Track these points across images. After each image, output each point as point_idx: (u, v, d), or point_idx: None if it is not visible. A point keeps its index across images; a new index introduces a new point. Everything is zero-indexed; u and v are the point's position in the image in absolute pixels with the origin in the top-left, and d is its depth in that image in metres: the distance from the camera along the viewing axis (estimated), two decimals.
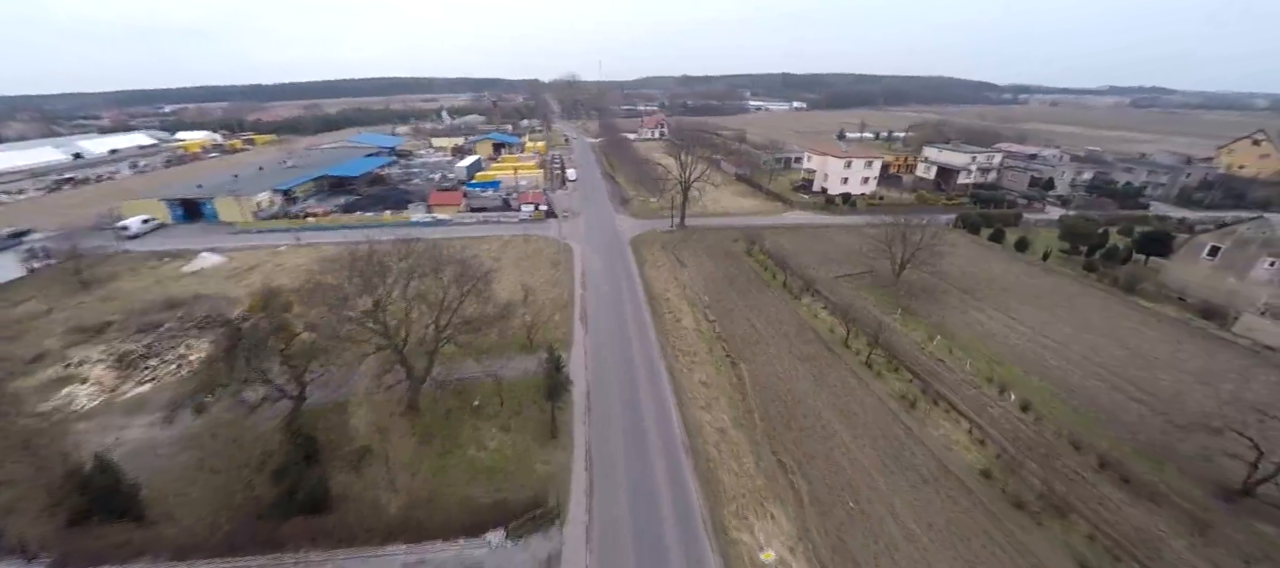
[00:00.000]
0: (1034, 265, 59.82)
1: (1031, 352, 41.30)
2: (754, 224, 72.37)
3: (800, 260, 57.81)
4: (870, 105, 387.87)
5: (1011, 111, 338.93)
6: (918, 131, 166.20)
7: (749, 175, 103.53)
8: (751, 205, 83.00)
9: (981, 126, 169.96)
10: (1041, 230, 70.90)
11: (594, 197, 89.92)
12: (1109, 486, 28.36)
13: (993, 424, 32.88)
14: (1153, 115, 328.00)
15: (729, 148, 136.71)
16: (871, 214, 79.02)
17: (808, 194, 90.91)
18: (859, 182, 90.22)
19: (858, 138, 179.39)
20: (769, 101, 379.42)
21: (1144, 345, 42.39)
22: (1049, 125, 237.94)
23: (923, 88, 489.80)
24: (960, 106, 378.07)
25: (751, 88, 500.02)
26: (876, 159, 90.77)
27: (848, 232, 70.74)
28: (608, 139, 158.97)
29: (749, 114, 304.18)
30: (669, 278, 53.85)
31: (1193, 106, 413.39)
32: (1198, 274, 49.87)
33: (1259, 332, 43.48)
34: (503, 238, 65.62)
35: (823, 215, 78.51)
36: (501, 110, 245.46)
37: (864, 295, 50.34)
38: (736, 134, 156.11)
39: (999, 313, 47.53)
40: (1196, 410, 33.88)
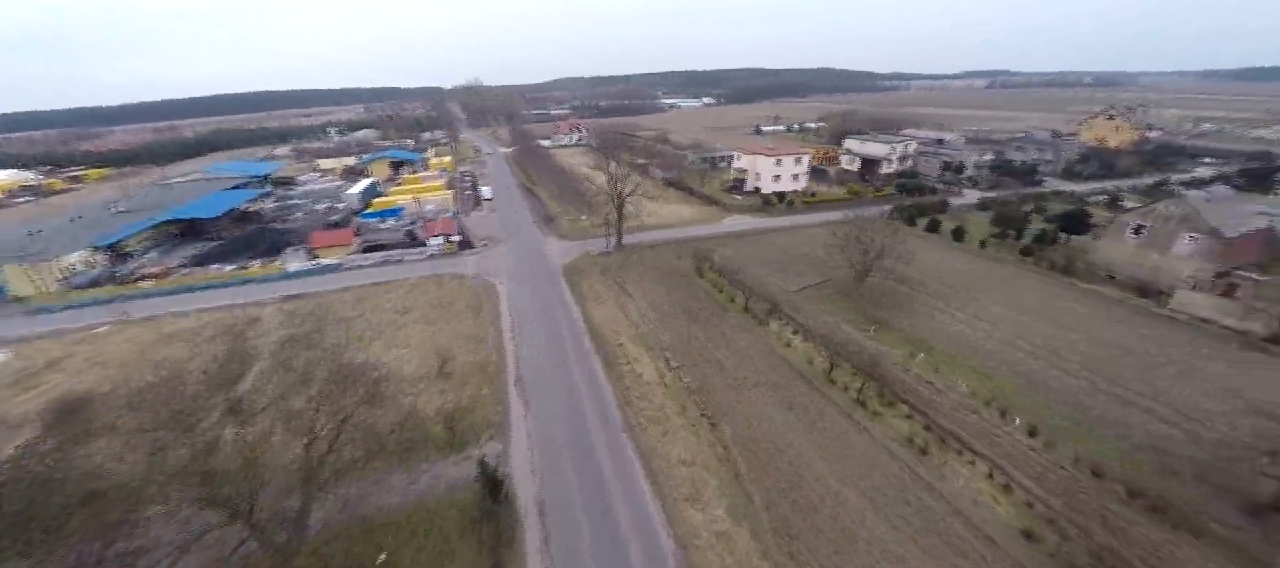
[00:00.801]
0: (974, 254, 59.33)
1: (1009, 356, 38.66)
2: (696, 235, 66.62)
3: (754, 274, 52.63)
4: (773, 98, 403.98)
5: (896, 97, 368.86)
6: (829, 123, 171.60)
7: (678, 179, 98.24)
8: (689, 213, 77.37)
9: (883, 114, 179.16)
10: (969, 216, 71.80)
11: (515, 218, 79.70)
12: (1146, 522, 25.01)
13: (1009, 460, 28.94)
14: (1006, 94, 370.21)
15: (653, 150, 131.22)
16: (809, 213, 76.65)
17: (741, 195, 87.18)
18: (790, 179, 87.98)
19: (773, 131, 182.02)
20: (680, 98, 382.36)
21: (1105, 334, 41.39)
22: (932, 109, 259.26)
23: (817, 79, 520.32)
24: (849, 95, 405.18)
25: (661, 86, 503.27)
26: (804, 155, 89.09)
27: (791, 234, 67.20)
28: (522, 148, 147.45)
29: (664, 113, 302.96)
30: (616, 314, 46.16)
31: (1033, 85, 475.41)
32: (1125, 252, 50.91)
33: (1193, 306, 44.34)
34: (408, 282, 54.14)
35: (763, 218, 74.65)
36: (399, 123, 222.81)
37: (829, 310, 45.93)
38: (658, 134, 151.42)
39: (964, 313, 45.09)
40: (1194, 414, 32.20)
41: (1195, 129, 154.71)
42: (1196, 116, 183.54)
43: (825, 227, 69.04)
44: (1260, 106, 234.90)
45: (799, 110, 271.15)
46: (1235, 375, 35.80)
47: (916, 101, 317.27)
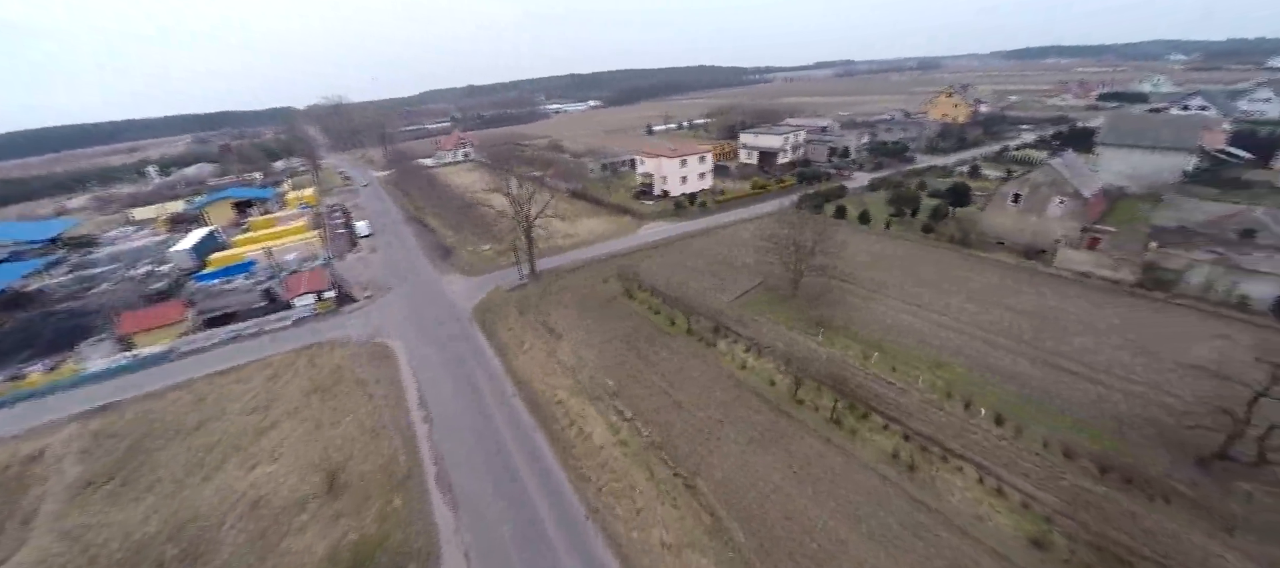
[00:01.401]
0: (881, 236, 61.39)
1: (946, 338, 38.93)
2: (616, 251, 61.61)
3: (687, 288, 49.05)
4: (656, 98, 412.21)
5: (766, 89, 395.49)
6: (716, 118, 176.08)
7: (582, 190, 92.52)
8: (603, 227, 72.09)
9: (763, 106, 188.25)
10: (867, 198, 75.16)
11: (403, 255, 68.45)
12: (1124, 496, 24.96)
13: (990, 458, 27.95)
14: (855, 81, 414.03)
15: (547, 159, 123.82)
16: (722, 212, 75.36)
17: (651, 200, 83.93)
18: (697, 179, 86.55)
19: (665, 131, 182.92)
20: (565, 103, 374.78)
21: (1016, 301, 43.73)
22: (799, 98, 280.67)
23: (694, 77, 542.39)
24: (725, 90, 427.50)
25: (544, 91, 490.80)
26: (707, 153, 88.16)
27: (711, 237, 64.98)
28: (400, 170, 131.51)
29: (550, 118, 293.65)
30: (546, 362, 39.59)
31: (874, 72, 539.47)
32: (1008, 219, 55.27)
33: (1073, 262, 48.89)
34: (272, 362, 42.42)
35: (679, 223, 71.76)
36: (243, 153, 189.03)
37: (772, 317, 43.59)
38: (550, 142, 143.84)
39: (895, 300, 45.34)
40: (1140, 382, 34.00)
41: (1005, 102, 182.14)
42: (1003, 91, 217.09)
43: (742, 225, 68.50)
44: (1042, 79, 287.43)
45: (685, 108, 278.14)
46: (1130, 326, 39.14)
47: (784, 92, 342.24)
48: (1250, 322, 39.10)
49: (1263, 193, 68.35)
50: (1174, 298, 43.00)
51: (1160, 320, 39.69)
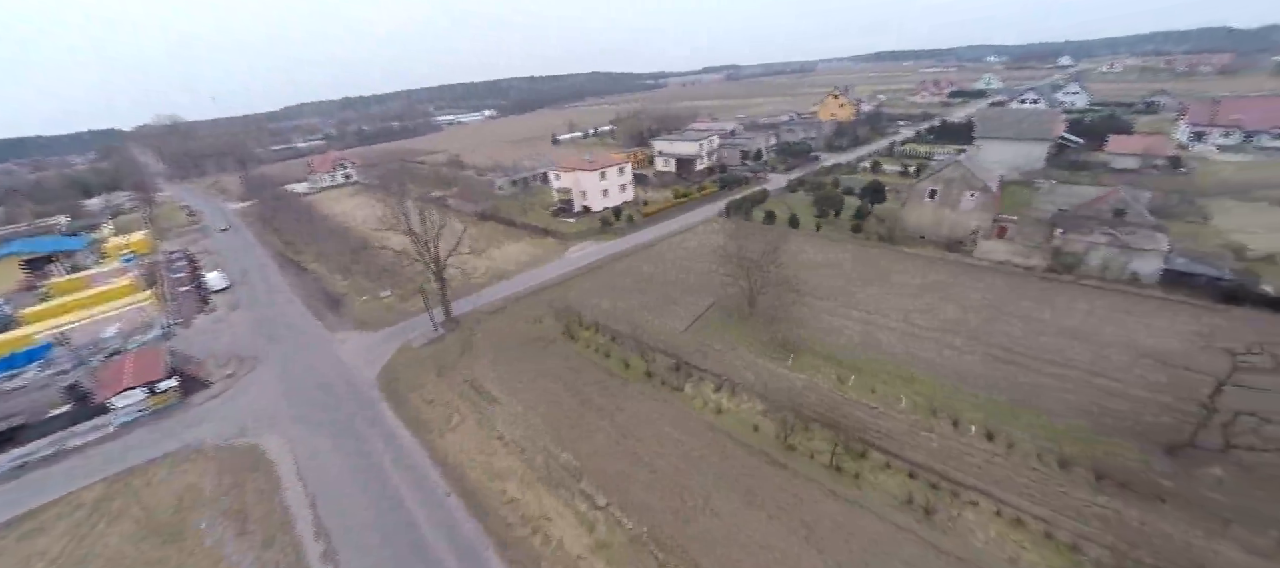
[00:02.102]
0: (813, 238, 60.95)
1: (908, 347, 37.79)
2: (544, 281, 54.55)
3: (634, 319, 43.75)
4: (555, 105, 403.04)
5: (663, 94, 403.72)
6: (622, 125, 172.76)
7: (493, 211, 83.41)
8: (523, 253, 64.27)
9: (666, 111, 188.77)
10: (789, 200, 75.32)
11: (276, 311, 55.26)
12: (1123, 502, 24.08)
13: (998, 484, 26.12)
14: (743, 85, 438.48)
15: (448, 178, 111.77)
16: (652, 225, 71.14)
17: (572, 217, 77.47)
18: (618, 191, 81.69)
19: (570, 139, 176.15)
20: (459, 114, 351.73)
21: (957, 295, 44.32)
22: (697, 102, 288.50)
23: (590, 83, 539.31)
24: (623, 96, 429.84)
25: (432, 101, 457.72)
26: (626, 164, 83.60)
27: (646, 255, 60.30)
28: (266, 200, 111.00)
29: (443, 131, 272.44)
30: (484, 439, 32.00)
31: (758, 75, 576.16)
32: (927, 215, 57.19)
33: (992, 252, 51.28)
34: (80, 502, 29.82)
35: (608, 242, 66.18)
36: (42, 190, 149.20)
37: (732, 343, 39.81)
38: (449, 158, 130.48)
39: (847, 308, 43.92)
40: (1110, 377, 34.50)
41: (878, 101, 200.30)
42: (873, 91, 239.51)
43: (676, 239, 64.69)
44: (900, 80, 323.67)
45: (588, 115, 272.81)
46: (1060, 312, 40.81)
47: (680, 97, 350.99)
48: (1143, 294, 42.83)
49: (1100, 171, 79.11)
50: (1079, 279, 46.22)
51: (1081, 305, 41.93)
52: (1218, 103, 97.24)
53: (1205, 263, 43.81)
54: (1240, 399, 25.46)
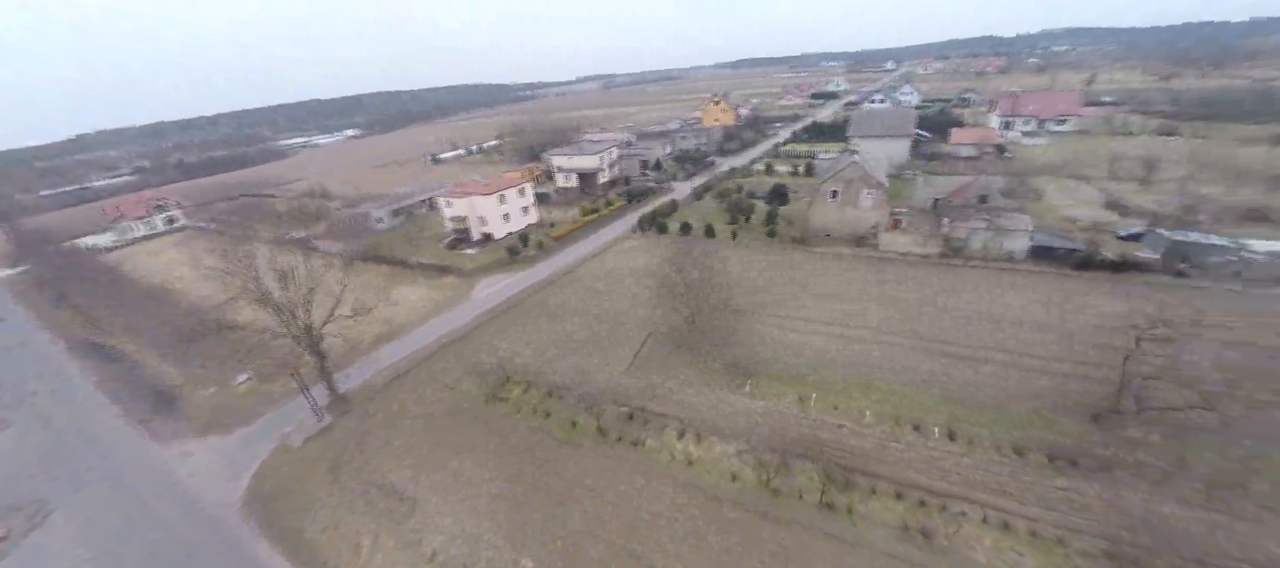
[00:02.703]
0: (734, 247, 60.45)
1: (855, 353, 37.73)
2: (453, 332, 46.69)
3: (568, 365, 38.66)
4: (426, 121, 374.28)
5: (544, 104, 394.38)
6: (508, 139, 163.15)
7: (372, 249, 71.67)
8: (421, 298, 55.07)
9: (553, 123, 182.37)
10: (700, 209, 74.80)
11: (73, 422, 40.17)
12: (1082, 478, 25.15)
13: (972, 487, 25.98)
14: (622, 93, 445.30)
15: (310, 212, 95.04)
16: (565, 249, 65.78)
17: (472, 248, 69.10)
18: (520, 214, 74.92)
19: (453, 157, 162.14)
20: (311, 135, 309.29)
21: (878, 291, 45.93)
22: (580, 111, 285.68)
23: (460, 97, 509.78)
24: (498, 108, 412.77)
25: (270, 122, 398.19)
26: (525, 183, 76.96)
27: (565, 286, 54.95)
28: (47, 261, 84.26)
29: (294, 156, 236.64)
30: (412, 564, 24.75)
31: (633, 84, 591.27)
32: (831, 214, 59.64)
33: (894, 244, 54.63)
34: None
35: (519, 273, 59.48)
36: None
37: (685, 377, 36.59)
38: (310, 188, 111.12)
39: (786, 318, 43.18)
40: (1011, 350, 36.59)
41: (750, 105, 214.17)
42: (744, 95, 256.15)
43: (595, 262, 60.07)
44: (761, 84, 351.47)
45: (468, 130, 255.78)
46: (964, 297, 44.00)
47: (561, 107, 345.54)
48: (1017, 269, 48.13)
49: (948, 160, 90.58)
50: (968, 262, 50.81)
51: (978, 285, 45.70)
52: (1016, 97, 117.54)
53: (1060, 237, 50.52)
54: (1146, 367, 28.16)
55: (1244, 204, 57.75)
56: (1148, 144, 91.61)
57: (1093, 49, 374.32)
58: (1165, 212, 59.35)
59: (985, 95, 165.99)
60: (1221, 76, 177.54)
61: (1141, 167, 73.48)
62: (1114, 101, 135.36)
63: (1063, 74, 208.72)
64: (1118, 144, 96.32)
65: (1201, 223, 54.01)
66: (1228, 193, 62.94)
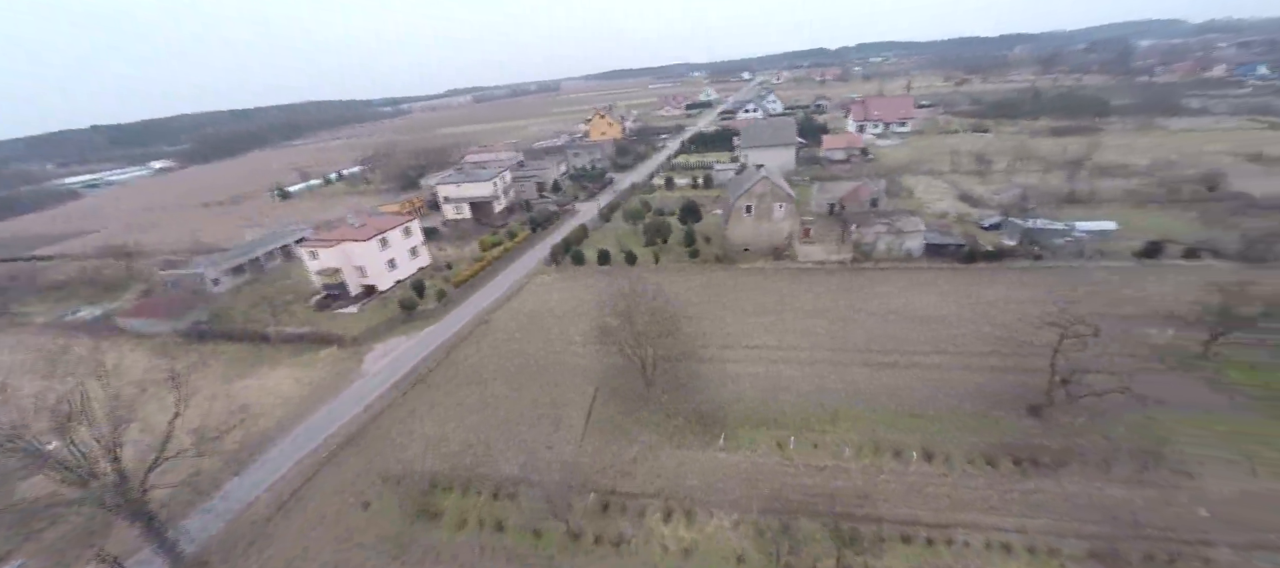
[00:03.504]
0: (659, 271, 57.33)
1: (811, 380, 36.60)
2: (346, 426, 36.61)
3: (511, 447, 32.05)
4: (266, 146, 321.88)
5: (412, 122, 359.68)
6: (377, 166, 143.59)
7: (213, 324, 56.08)
8: (293, 385, 42.99)
9: (427, 144, 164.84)
10: (614, 232, 70.75)
11: None
12: (1054, 480, 25.96)
13: (965, 508, 25.57)
14: (496, 106, 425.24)
15: (107, 280, 72.59)
16: (472, 296, 57.22)
17: (352, 306, 57.14)
18: (408, 257, 64.14)
19: (305, 189, 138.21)
20: (110, 170, 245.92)
21: (811, 305, 45.96)
22: (453, 128, 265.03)
23: (313, 114, 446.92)
24: (355, 127, 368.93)
25: (54, 156, 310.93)
26: (411, 220, 66.01)
27: (481, 339, 47.15)
28: None
29: (78, 200, 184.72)
30: None
31: (508, 97, 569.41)
32: (746, 229, 59.56)
33: (810, 255, 55.98)
34: None
35: (421, 332, 49.89)
36: None
37: (648, 438, 32.13)
38: (107, 246, 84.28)
39: (734, 349, 40.95)
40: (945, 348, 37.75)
41: (632, 116, 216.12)
42: (626, 106, 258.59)
43: (512, 305, 52.70)
44: (635, 95, 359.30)
45: (322, 155, 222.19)
46: (885, 300, 45.77)
47: (432, 123, 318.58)
48: (917, 267, 51.94)
49: (825, 164, 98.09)
50: (877, 265, 53.67)
51: (894, 288, 48.03)
52: (865, 104, 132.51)
53: (946, 234, 55.55)
54: (1072, 361, 30.33)
55: (1057, 189, 69.60)
56: (971, 141, 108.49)
57: (901, 59, 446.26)
58: (1004, 200, 69.17)
59: (833, 102, 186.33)
60: (996, 81, 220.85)
61: (974, 161, 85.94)
62: (930, 104, 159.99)
63: (888, 82, 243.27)
64: (948, 141, 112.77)
65: (1033, 208, 63.57)
66: (1042, 181, 75.63)
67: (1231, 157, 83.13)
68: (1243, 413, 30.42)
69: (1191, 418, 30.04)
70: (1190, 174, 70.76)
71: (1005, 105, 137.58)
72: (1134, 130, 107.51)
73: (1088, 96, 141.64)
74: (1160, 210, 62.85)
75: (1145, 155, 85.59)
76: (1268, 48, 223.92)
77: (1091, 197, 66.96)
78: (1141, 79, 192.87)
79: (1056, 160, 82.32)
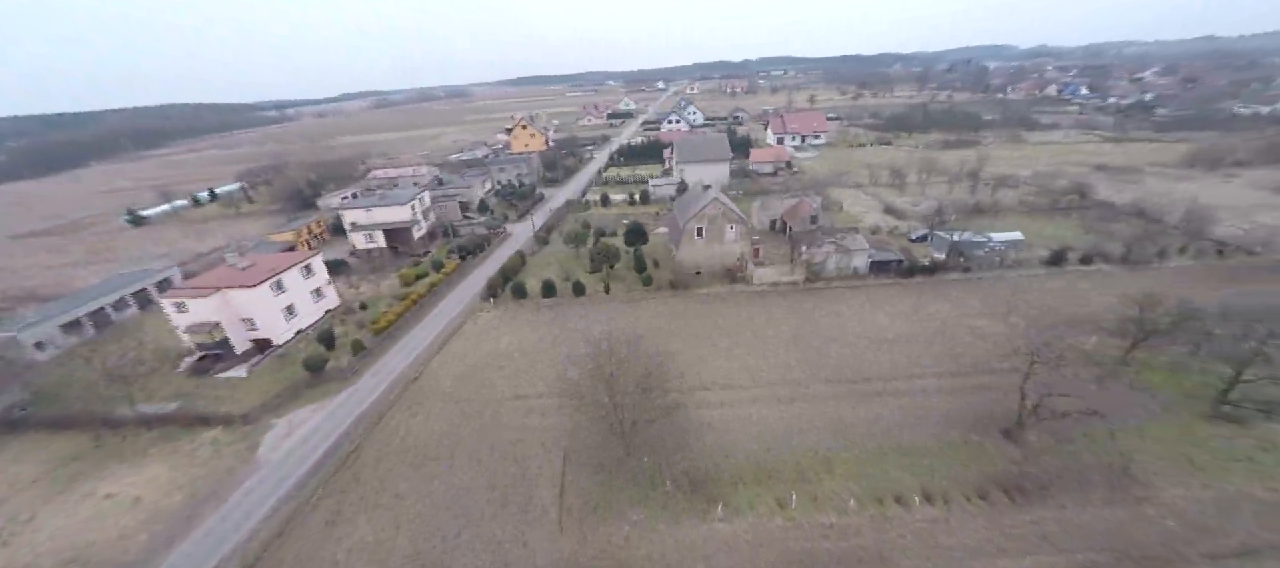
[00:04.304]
0: (610, 303, 53.18)
1: (795, 422, 34.51)
2: (248, 545, 28.00)
3: (469, 552, 26.05)
4: (106, 157, 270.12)
5: (303, 129, 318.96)
6: (265, 182, 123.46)
7: (37, 410, 42.43)
8: (164, 493, 32.55)
9: (324, 157, 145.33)
10: (554, 259, 65.14)
11: None
12: (1047, 506, 25.75)
13: (983, 556, 24.20)
14: (398, 114, 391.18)
15: None
16: (394, 343, 48.77)
17: (239, 367, 46.24)
18: (311, 300, 53.80)
19: (169, 211, 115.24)
20: None
21: (774, 332, 44.33)
22: (354, 137, 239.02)
23: (176, 118, 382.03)
24: (222, 135, 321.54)
25: None
26: (312, 256, 55.29)
27: (412, 399, 39.69)
28: None
29: None
30: None
31: (411, 102, 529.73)
32: (698, 252, 57.27)
33: (765, 277, 54.82)
34: None
35: (333, 399, 40.95)
36: None
37: (635, 516, 27.80)
38: None
39: (707, 388, 37.95)
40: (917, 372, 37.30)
41: (552, 126, 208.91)
42: (538, 114, 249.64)
43: (447, 354, 45.39)
44: (556, 103, 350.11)
45: (185, 168, 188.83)
46: (847, 321, 45.42)
47: (329, 130, 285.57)
48: (865, 285, 52.88)
49: (755, 177, 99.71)
50: (829, 284, 53.79)
51: (852, 308, 48.00)
52: (783, 117, 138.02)
53: (886, 250, 57.15)
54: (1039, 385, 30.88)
55: (964, 201, 75.60)
56: (878, 154, 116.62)
57: (798, 73, 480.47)
58: (923, 212, 73.79)
59: (749, 114, 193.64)
60: (885, 96, 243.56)
61: (888, 174, 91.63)
62: (836, 117, 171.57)
63: (794, 95, 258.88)
64: (858, 154, 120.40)
65: (951, 220, 68.17)
66: (950, 193, 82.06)
67: (1084, 167, 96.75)
68: (1171, 417, 32.82)
69: (1136, 429, 31.78)
70: (1063, 185, 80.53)
71: (901, 120, 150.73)
72: (1006, 143, 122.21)
73: (964, 113, 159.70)
74: (1047, 219, 70.29)
75: (1021, 166, 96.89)
76: (1082, 71, 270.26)
77: (994, 206, 73.36)
78: (998, 96, 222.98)
79: (956, 172, 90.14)
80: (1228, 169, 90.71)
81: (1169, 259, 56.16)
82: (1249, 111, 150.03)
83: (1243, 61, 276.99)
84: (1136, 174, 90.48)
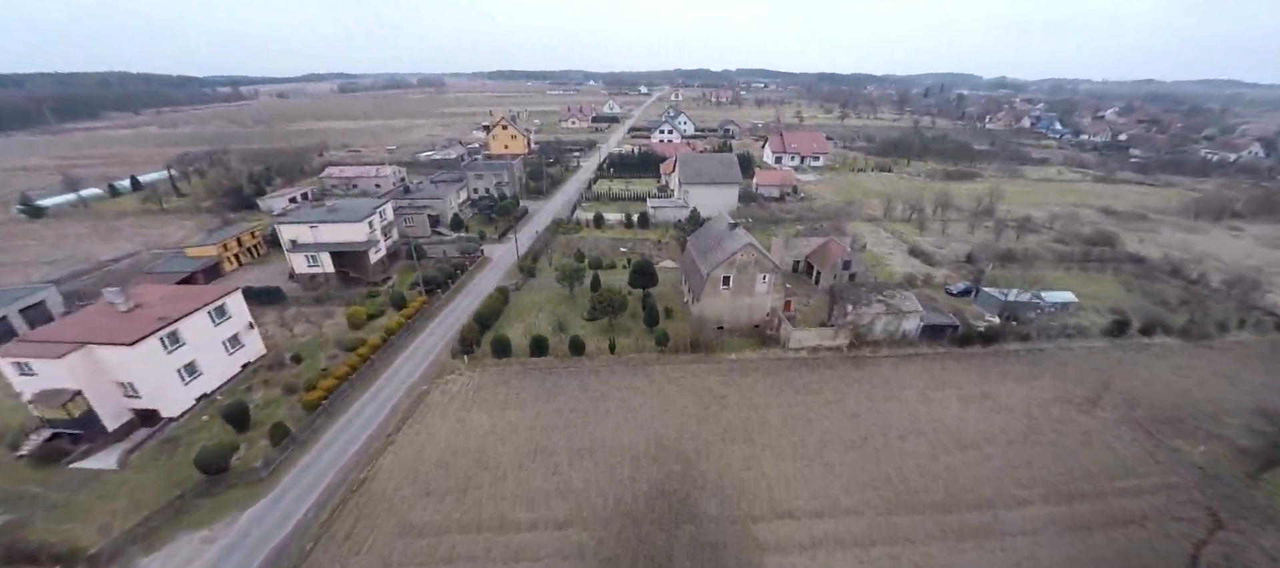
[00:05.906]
0: (616, 369, 42.36)
1: (858, 495, 24.80)
2: None
3: None
4: (26, 128, 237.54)
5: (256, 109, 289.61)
6: (200, 169, 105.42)
7: None
8: None
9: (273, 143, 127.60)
10: (546, 304, 53.69)
11: None
12: None
13: None
14: (366, 101, 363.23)
15: None
16: (333, 422, 36.27)
17: (104, 454, 32.82)
18: (222, 353, 40.49)
19: (75, 201, 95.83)
20: None
21: (842, 433, 34.70)
22: (315, 123, 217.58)
23: (103, 91, 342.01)
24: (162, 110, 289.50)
25: None
26: (230, 292, 41.65)
27: (359, 530, 27.72)
28: None
29: None
30: None
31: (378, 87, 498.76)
32: (722, 304, 47.32)
33: (803, 341, 45.20)
34: None
35: (239, 517, 28.44)
36: None
37: None
38: None
39: (758, 516, 27.71)
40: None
41: (533, 125, 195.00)
42: (518, 112, 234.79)
43: (405, 439, 32.96)
44: (534, 100, 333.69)
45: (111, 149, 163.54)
46: (902, 404, 36.15)
47: (285, 114, 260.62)
48: (918, 353, 44.23)
49: (762, 202, 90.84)
50: (875, 353, 44.75)
51: (906, 387, 38.96)
52: (782, 135, 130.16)
53: (935, 311, 48.66)
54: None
55: (991, 244, 68.65)
56: (880, 180, 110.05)
57: (778, 87, 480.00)
58: (950, 256, 66.37)
59: (741, 127, 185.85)
60: (868, 117, 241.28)
61: (904, 206, 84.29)
62: (828, 137, 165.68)
63: (781, 109, 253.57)
64: (859, 178, 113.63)
65: (984, 269, 60.75)
66: (971, 233, 75.21)
67: (1088, 209, 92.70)
68: None
69: None
70: (1089, 234, 74.97)
71: (899, 145, 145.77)
72: (1004, 177, 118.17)
73: (956, 142, 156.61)
74: (1083, 273, 63.98)
75: (1029, 204, 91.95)
76: (1049, 106, 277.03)
77: (1024, 254, 66.62)
78: (979, 125, 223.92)
79: (972, 208, 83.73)
80: (1229, 221, 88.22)
81: (1228, 332, 50.10)
82: (1217, 157, 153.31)
83: (1186, 106, 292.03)
84: (1146, 222, 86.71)
